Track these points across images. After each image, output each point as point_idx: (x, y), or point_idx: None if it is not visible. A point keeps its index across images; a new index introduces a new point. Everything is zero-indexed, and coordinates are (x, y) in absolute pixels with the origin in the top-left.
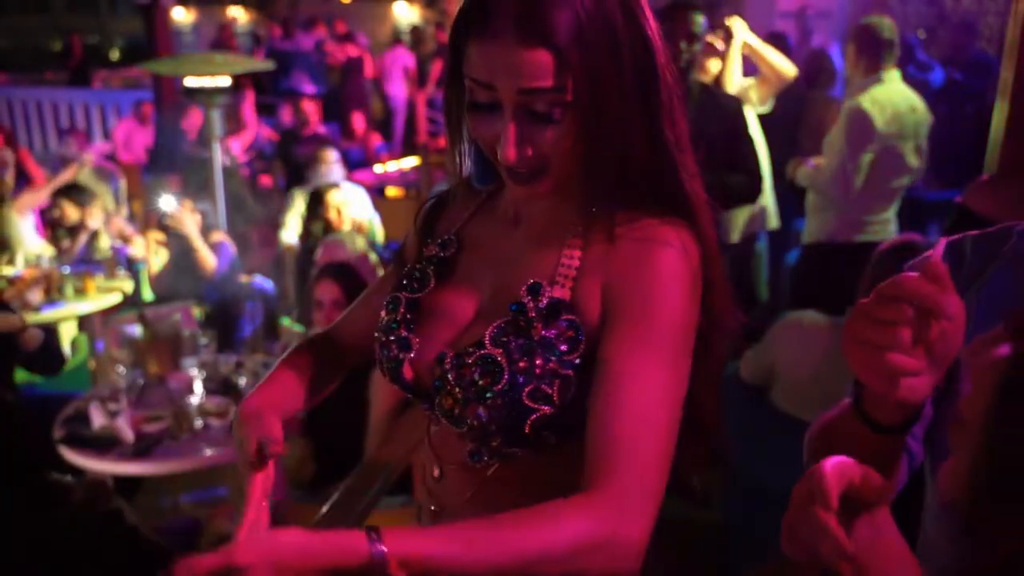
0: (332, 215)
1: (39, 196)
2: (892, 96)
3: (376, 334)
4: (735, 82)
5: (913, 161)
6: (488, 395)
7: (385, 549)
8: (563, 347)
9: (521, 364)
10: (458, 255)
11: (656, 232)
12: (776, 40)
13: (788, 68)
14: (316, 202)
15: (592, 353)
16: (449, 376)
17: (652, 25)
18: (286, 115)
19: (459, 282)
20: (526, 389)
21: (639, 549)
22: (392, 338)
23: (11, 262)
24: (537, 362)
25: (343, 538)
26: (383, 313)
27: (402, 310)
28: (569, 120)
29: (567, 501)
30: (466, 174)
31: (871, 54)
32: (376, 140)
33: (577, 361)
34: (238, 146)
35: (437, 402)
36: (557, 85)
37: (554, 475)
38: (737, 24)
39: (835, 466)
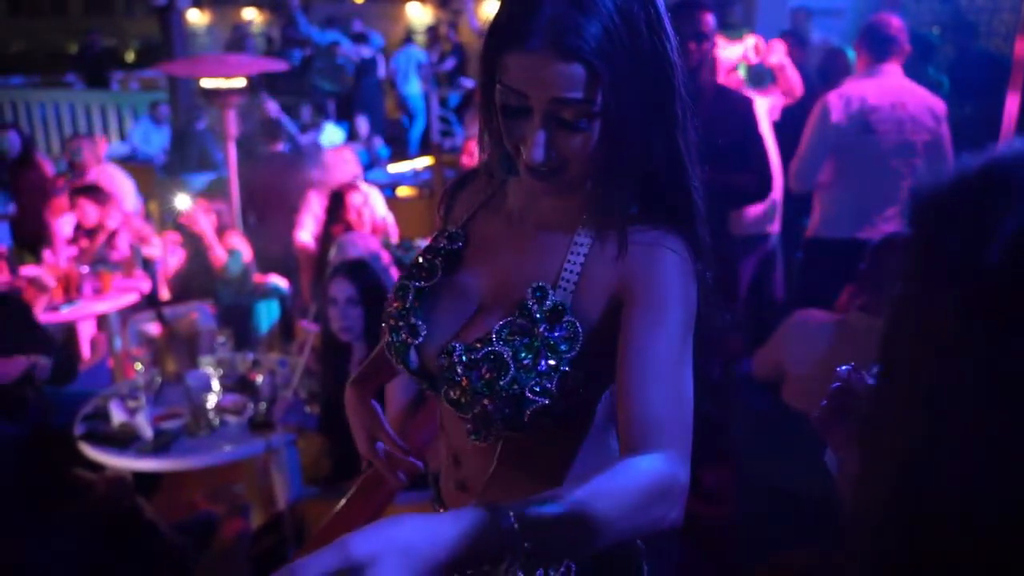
0: (352, 217)
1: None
2: (868, 90)
3: (385, 318)
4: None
5: (894, 158)
6: (494, 389)
7: (513, 518)
8: (563, 346)
9: (525, 362)
10: (464, 249)
11: (663, 239)
12: (790, 38)
13: (799, 87)
14: (336, 204)
15: (588, 348)
16: (458, 368)
17: (673, 43)
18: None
19: (465, 275)
20: (529, 384)
21: (686, 495)
22: (401, 324)
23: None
24: (540, 361)
25: (467, 514)
26: (392, 300)
27: (411, 298)
28: (593, 128)
29: (633, 460)
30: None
31: (871, 49)
32: (379, 142)
33: (575, 356)
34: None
35: (444, 391)
36: (586, 97)
37: (557, 453)
38: (777, 45)
39: None
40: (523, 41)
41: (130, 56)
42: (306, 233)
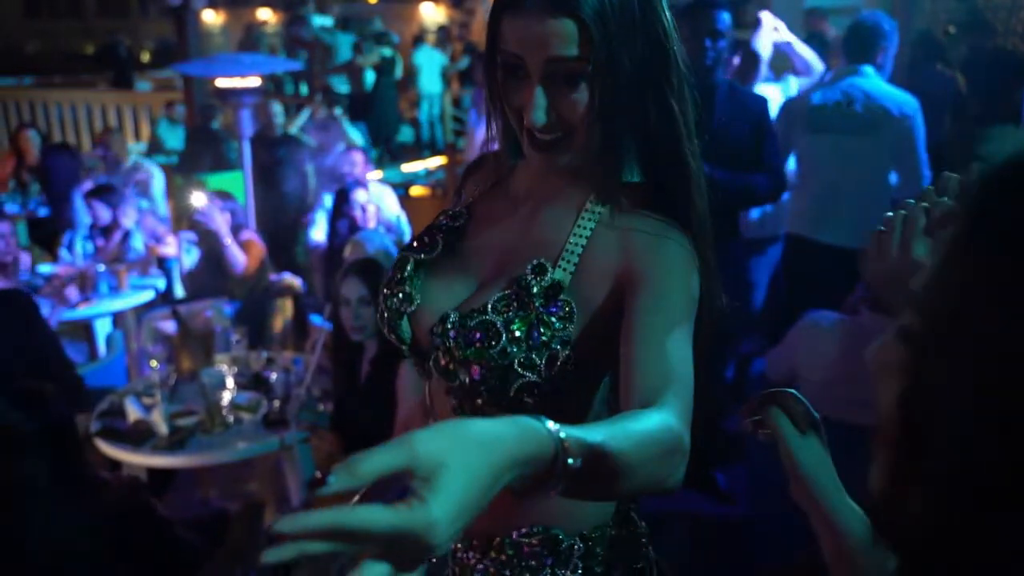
0: (357, 214)
1: None
2: (818, 91)
3: (381, 287)
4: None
5: (846, 157)
6: (483, 357)
7: (561, 434)
8: (557, 324)
9: (517, 333)
10: (466, 226)
11: (667, 231)
12: (813, 39)
13: (817, 62)
14: (342, 201)
15: (581, 331)
16: (450, 333)
17: (667, 12)
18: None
19: (465, 251)
20: (518, 358)
21: (687, 460)
22: (396, 291)
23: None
24: (532, 334)
25: (523, 421)
26: (391, 270)
27: (409, 268)
28: (589, 88)
29: (643, 411)
30: (497, 145)
31: (845, 51)
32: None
33: (568, 337)
34: None
35: (434, 357)
36: (579, 55)
37: None
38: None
39: None
40: (518, 2)
41: (145, 57)
42: (318, 231)
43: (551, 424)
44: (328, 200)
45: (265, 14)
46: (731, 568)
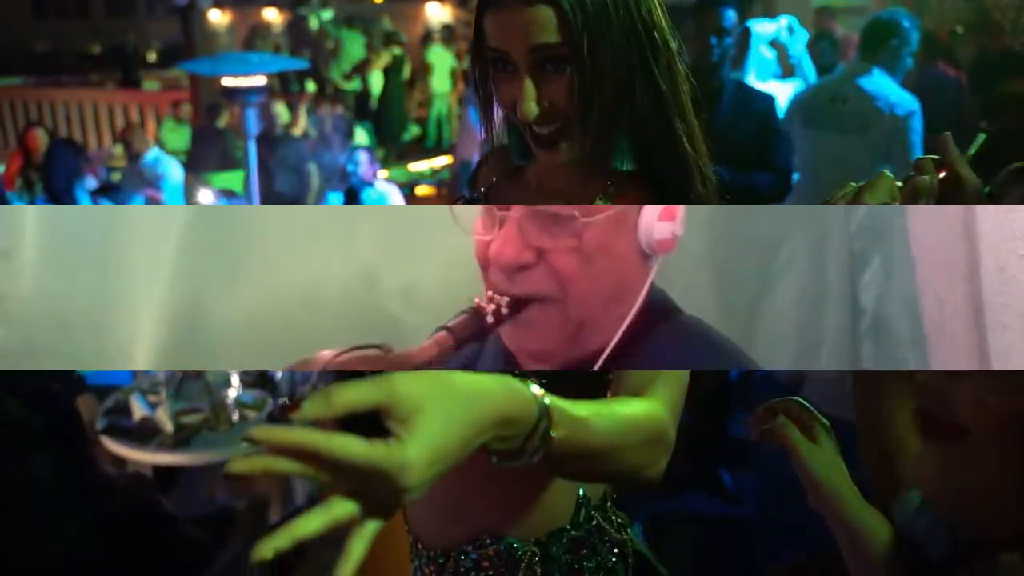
0: None
1: None
2: (810, 88)
3: None
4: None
5: (836, 155)
6: None
7: (547, 400)
8: None
9: None
10: None
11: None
12: (823, 38)
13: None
14: (351, 201)
15: None
16: None
17: None
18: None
19: None
20: None
21: (671, 453)
22: None
23: None
24: None
25: (510, 381)
26: None
27: None
28: (576, 74)
29: (630, 398)
30: (499, 143)
31: (859, 46)
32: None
33: None
34: None
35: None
36: (562, 40)
37: None
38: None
39: None
40: None
41: (151, 56)
42: None
43: (537, 388)
44: (334, 200)
45: (271, 14)
46: (737, 569)
